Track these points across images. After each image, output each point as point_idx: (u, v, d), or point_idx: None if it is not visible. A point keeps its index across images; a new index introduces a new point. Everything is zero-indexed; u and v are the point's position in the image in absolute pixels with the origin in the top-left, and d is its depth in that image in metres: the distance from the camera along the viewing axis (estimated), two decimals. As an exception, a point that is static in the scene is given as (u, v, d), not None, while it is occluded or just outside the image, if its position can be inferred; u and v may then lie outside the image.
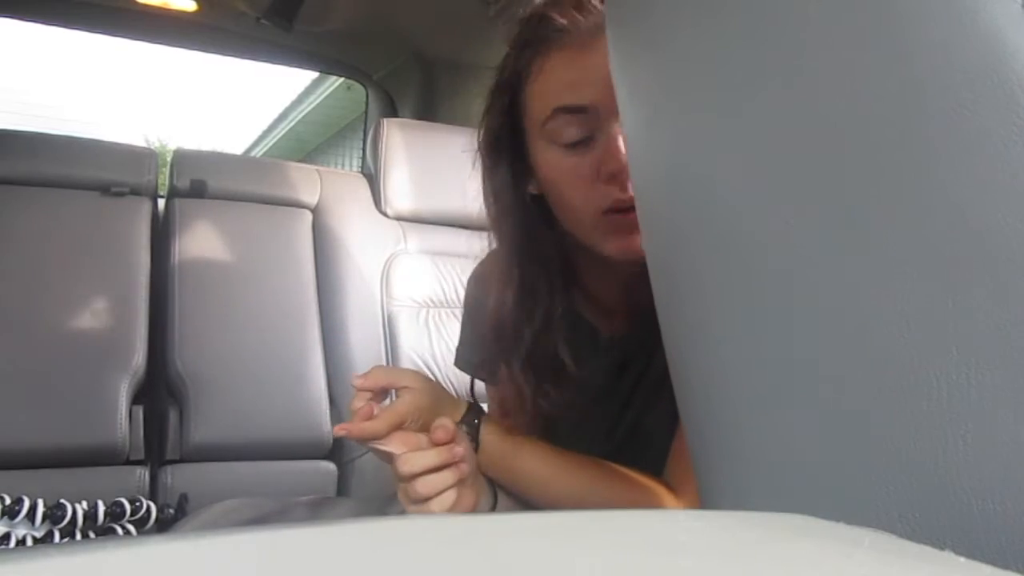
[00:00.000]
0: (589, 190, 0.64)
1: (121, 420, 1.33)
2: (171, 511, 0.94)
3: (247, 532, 0.19)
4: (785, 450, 0.35)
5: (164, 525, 0.84)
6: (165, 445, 1.39)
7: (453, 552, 0.18)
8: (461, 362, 0.93)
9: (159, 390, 1.45)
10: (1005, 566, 0.24)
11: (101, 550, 0.17)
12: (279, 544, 0.19)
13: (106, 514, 0.73)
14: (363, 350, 1.57)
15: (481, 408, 0.76)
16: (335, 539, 0.19)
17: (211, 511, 0.83)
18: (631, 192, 0.59)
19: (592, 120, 0.63)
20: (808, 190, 0.34)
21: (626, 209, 0.62)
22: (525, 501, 0.76)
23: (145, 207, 1.54)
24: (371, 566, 0.17)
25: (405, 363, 1.57)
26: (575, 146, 0.64)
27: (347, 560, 0.17)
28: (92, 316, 1.40)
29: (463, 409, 0.75)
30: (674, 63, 0.41)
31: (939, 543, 0.28)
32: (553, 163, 0.67)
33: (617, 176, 0.62)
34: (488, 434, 0.74)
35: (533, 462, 0.75)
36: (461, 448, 0.66)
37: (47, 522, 0.70)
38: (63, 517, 0.71)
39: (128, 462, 1.35)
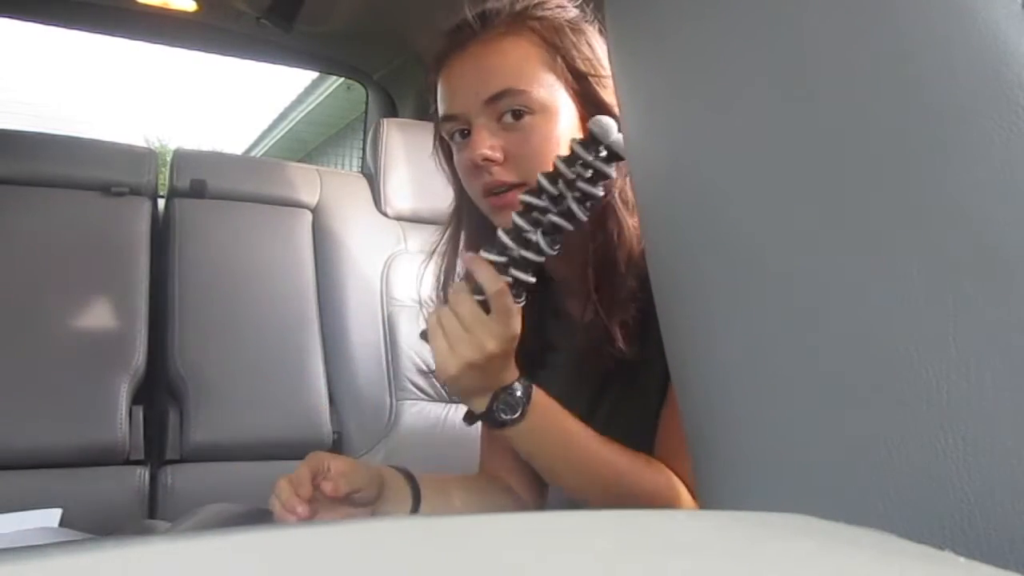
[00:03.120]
0: (473, 177, 0.79)
1: (121, 420, 1.33)
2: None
3: (247, 532, 0.19)
4: (785, 450, 0.35)
5: None
6: (165, 445, 1.39)
7: (453, 552, 0.18)
8: None
9: (159, 390, 1.45)
10: (1005, 566, 0.24)
11: (101, 550, 0.17)
12: (279, 544, 0.19)
13: None
14: (363, 350, 1.57)
15: (529, 384, 0.75)
16: (335, 539, 0.19)
17: (206, 512, 0.83)
18: (497, 176, 0.76)
19: (464, 122, 0.78)
20: (808, 189, 0.34)
21: (499, 191, 0.77)
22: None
23: (145, 207, 1.54)
24: (371, 566, 0.17)
25: (405, 362, 1.58)
26: (460, 144, 0.80)
27: (347, 560, 0.17)
28: (92, 316, 1.40)
29: (508, 379, 0.73)
30: (674, 62, 0.41)
31: (939, 543, 0.29)
32: (455, 159, 0.83)
33: (483, 164, 0.76)
34: (536, 413, 0.73)
35: (575, 447, 0.75)
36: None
37: None
38: None
39: (128, 462, 1.35)
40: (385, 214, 1.70)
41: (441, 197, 1.69)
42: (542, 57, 0.76)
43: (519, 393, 0.72)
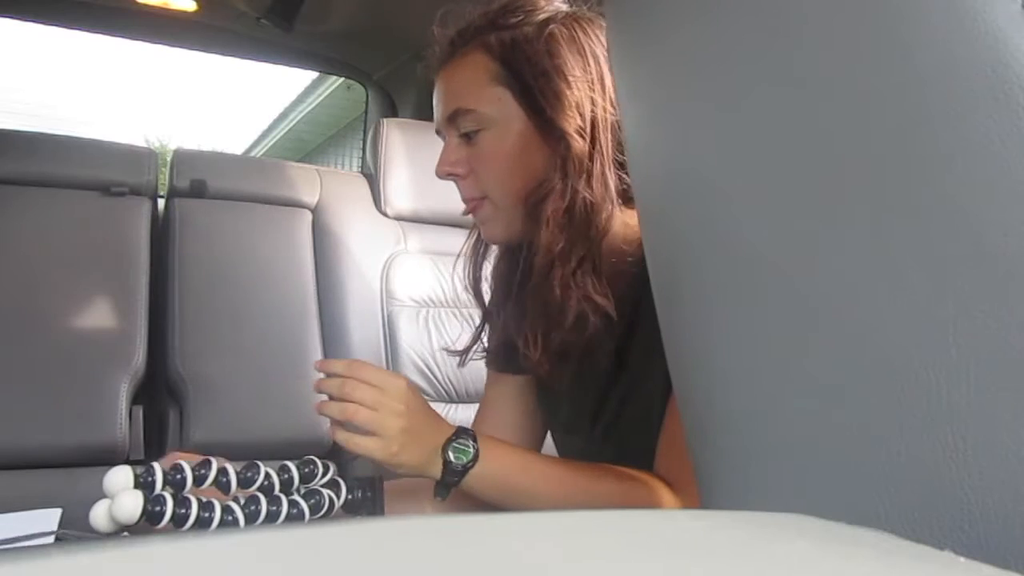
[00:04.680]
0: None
1: (121, 420, 1.33)
2: (364, 493, 0.79)
3: (247, 532, 0.19)
4: (785, 450, 0.35)
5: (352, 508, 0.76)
6: (165, 445, 1.39)
7: (453, 552, 0.18)
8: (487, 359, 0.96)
9: (159, 390, 1.45)
10: (1005, 566, 0.24)
11: (101, 550, 0.17)
12: (279, 544, 0.19)
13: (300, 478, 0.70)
14: (363, 350, 1.57)
15: (470, 429, 0.75)
16: (335, 539, 0.19)
17: None
18: (463, 190, 0.81)
19: (443, 137, 0.82)
20: (808, 189, 0.34)
21: (468, 203, 0.82)
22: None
23: (145, 207, 1.53)
24: (371, 566, 0.17)
25: (405, 363, 1.58)
26: None
27: (347, 560, 0.17)
28: (92, 316, 1.40)
29: (447, 431, 0.73)
30: (674, 61, 0.41)
31: (939, 543, 0.29)
32: None
33: (446, 178, 0.82)
34: (487, 450, 0.73)
35: (535, 473, 0.74)
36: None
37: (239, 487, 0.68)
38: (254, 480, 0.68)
39: (128, 462, 1.35)
40: (385, 214, 1.70)
41: (441, 197, 1.70)
42: (495, 73, 0.77)
43: (463, 437, 0.72)
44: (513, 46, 0.76)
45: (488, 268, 0.93)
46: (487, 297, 0.93)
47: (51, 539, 0.73)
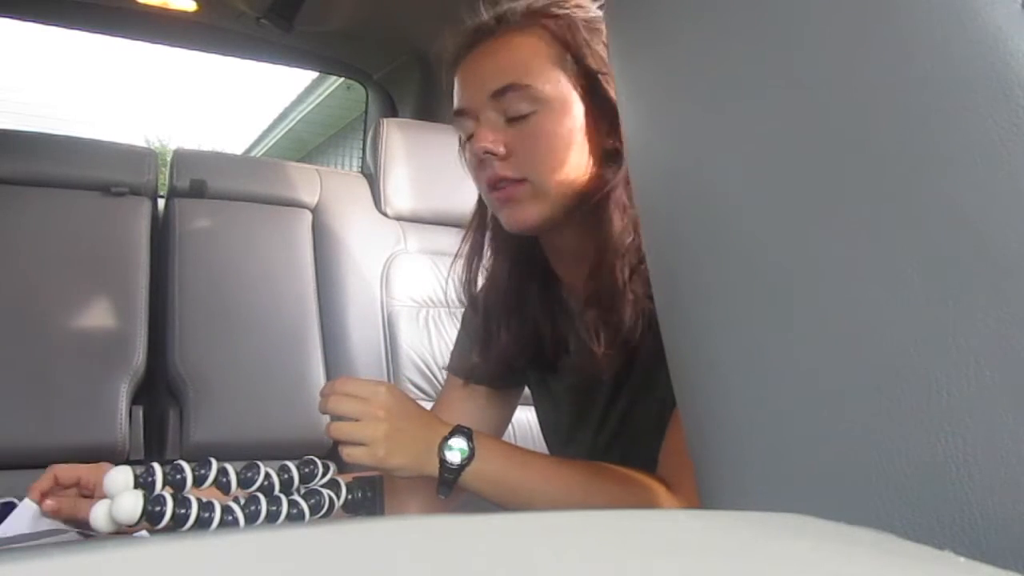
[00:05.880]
0: (479, 171, 0.79)
1: (121, 420, 1.34)
2: (364, 493, 0.78)
3: (247, 532, 0.19)
4: (785, 450, 0.35)
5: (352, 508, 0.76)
6: (165, 445, 1.39)
7: (453, 552, 0.18)
8: (459, 369, 0.95)
9: (159, 390, 1.45)
10: (1005, 566, 0.24)
11: (101, 550, 0.17)
12: (279, 544, 0.19)
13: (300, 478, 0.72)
14: (363, 350, 1.57)
15: (467, 428, 0.74)
16: (335, 539, 0.19)
17: None
18: (499, 171, 0.76)
19: (471, 116, 0.79)
20: (808, 189, 0.34)
21: (499, 186, 0.77)
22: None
23: (145, 207, 1.54)
24: (371, 566, 0.17)
25: (405, 362, 1.58)
26: (468, 139, 0.80)
27: (347, 560, 0.17)
28: (92, 316, 1.40)
29: (443, 430, 0.73)
30: (674, 62, 0.41)
31: (939, 543, 0.29)
32: (465, 155, 0.83)
33: (484, 157, 0.77)
34: (484, 447, 0.73)
35: (533, 470, 0.74)
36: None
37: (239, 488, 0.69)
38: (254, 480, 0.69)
39: (128, 462, 1.35)
40: (385, 214, 1.70)
41: (441, 197, 1.70)
42: (552, 54, 0.76)
43: (459, 435, 0.73)
44: (572, 30, 0.76)
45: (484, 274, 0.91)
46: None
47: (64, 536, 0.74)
